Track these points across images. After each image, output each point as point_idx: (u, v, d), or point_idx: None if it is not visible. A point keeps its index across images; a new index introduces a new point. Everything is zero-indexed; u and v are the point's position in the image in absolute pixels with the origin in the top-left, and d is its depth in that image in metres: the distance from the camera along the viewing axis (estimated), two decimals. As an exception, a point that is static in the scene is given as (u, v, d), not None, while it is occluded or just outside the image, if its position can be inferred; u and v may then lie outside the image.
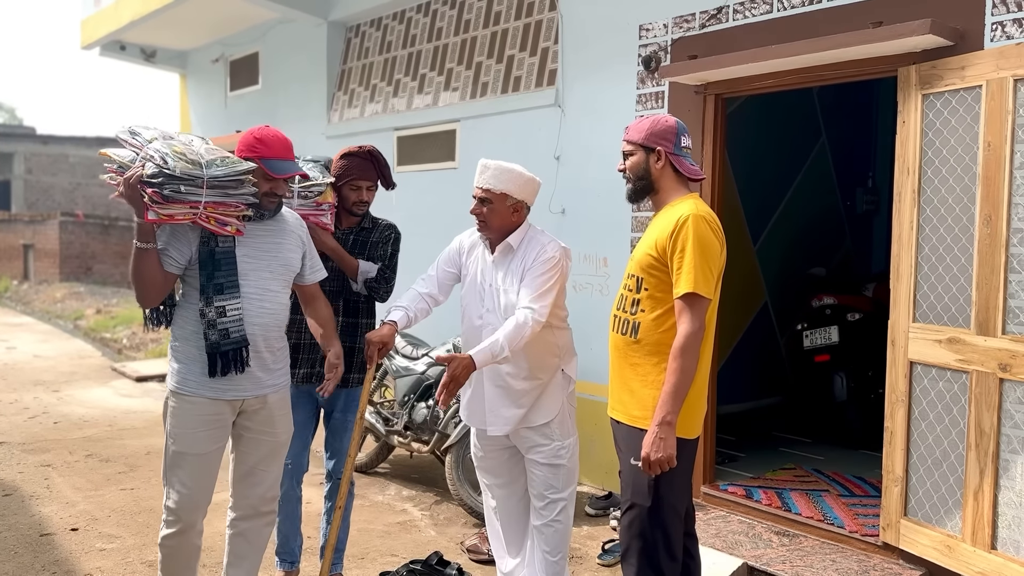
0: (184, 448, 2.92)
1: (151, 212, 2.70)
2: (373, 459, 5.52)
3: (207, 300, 2.84)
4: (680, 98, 4.71)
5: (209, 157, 2.80)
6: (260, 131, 3.01)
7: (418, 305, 3.35)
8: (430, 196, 6.39)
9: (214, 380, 2.88)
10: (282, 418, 3.10)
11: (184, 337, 2.93)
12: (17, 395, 7.93)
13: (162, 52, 9.78)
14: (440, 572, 3.88)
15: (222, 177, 2.78)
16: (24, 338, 12.16)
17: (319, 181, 3.46)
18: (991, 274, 3.39)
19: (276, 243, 3.02)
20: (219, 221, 2.82)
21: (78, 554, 4.11)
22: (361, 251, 3.64)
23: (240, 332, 2.88)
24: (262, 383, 2.99)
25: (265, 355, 2.98)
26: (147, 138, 2.82)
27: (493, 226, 3.25)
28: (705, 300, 2.65)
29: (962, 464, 3.52)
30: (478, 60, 6.20)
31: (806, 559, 3.88)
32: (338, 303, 3.59)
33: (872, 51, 3.80)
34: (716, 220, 2.76)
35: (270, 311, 2.98)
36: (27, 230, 20.30)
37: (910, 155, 3.72)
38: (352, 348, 3.59)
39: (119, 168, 2.83)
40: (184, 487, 2.92)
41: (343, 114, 7.47)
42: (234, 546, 3.17)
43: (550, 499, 3.29)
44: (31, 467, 5.55)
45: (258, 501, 3.12)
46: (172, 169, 2.68)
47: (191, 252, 2.86)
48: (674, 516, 2.78)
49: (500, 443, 3.37)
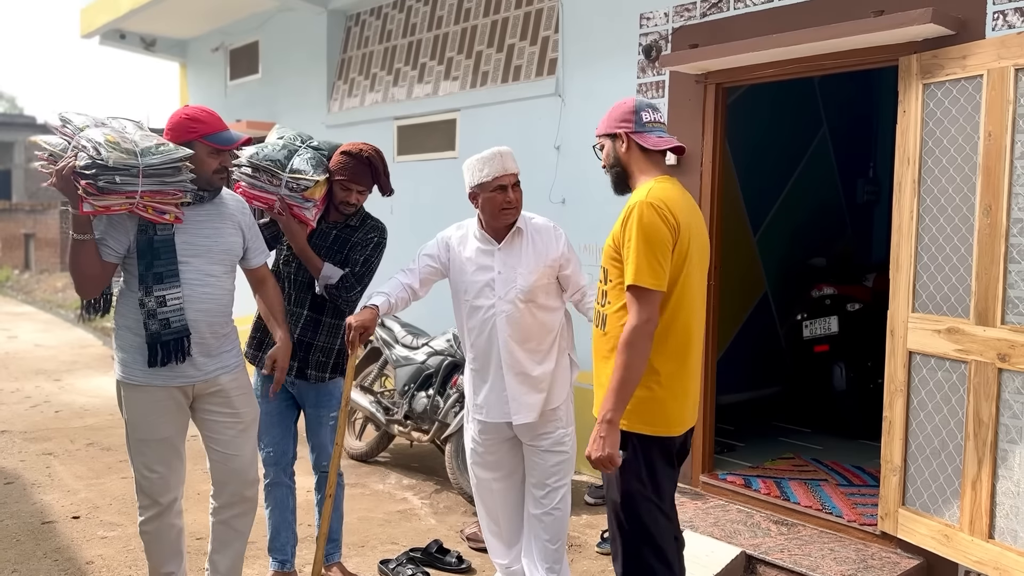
0: (145, 435, 2.92)
1: (86, 204, 2.63)
2: (373, 448, 5.53)
3: (147, 289, 2.80)
4: (681, 87, 4.70)
5: (144, 145, 2.72)
6: (187, 111, 2.94)
7: (400, 294, 3.30)
8: (430, 186, 6.38)
9: (158, 369, 2.85)
10: (241, 398, 3.07)
11: (127, 326, 2.89)
12: (19, 384, 7.95)
13: (162, 41, 9.75)
14: (440, 560, 3.90)
15: (158, 165, 2.71)
16: (25, 327, 12.18)
17: (310, 177, 3.37)
18: (991, 264, 3.39)
19: (216, 228, 2.97)
20: (157, 210, 2.76)
21: (80, 542, 4.13)
22: (340, 249, 3.53)
23: (181, 321, 2.84)
24: (206, 368, 2.96)
25: (210, 341, 2.95)
26: (79, 125, 2.75)
27: (520, 208, 3.29)
28: (652, 292, 2.46)
29: (960, 454, 3.53)
30: (478, 49, 6.19)
31: (804, 548, 3.89)
32: (307, 296, 3.51)
33: (873, 40, 3.79)
34: (670, 204, 2.53)
35: (213, 297, 2.94)
36: (28, 219, 20.29)
37: (911, 145, 3.71)
38: (310, 344, 3.50)
39: (50, 156, 2.75)
40: (151, 471, 2.93)
41: (343, 103, 7.45)
42: (218, 533, 3.17)
43: (551, 487, 3.30)
44: (33, 455, 5.58)
45: (239, 485, 3.10)
46: (105, 160, 2.61)
47: (129, 241, 2.82)
48: (653, 511, 2.60)
49: (503, 435, 3.37)
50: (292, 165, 3.38)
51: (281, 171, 3.34)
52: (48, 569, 3.80)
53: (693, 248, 2.59)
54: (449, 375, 5.00)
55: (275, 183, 3.35)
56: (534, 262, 3.23)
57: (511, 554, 3.53)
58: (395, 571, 3.77)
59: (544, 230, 3.32)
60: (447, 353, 5.02)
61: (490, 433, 3.38)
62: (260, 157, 3.38)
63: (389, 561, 3.87)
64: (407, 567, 3.78)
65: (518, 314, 3.22)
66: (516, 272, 3.23)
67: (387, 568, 3.82)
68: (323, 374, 3.55)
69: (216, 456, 3.08)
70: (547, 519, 3.32)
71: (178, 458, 2.99)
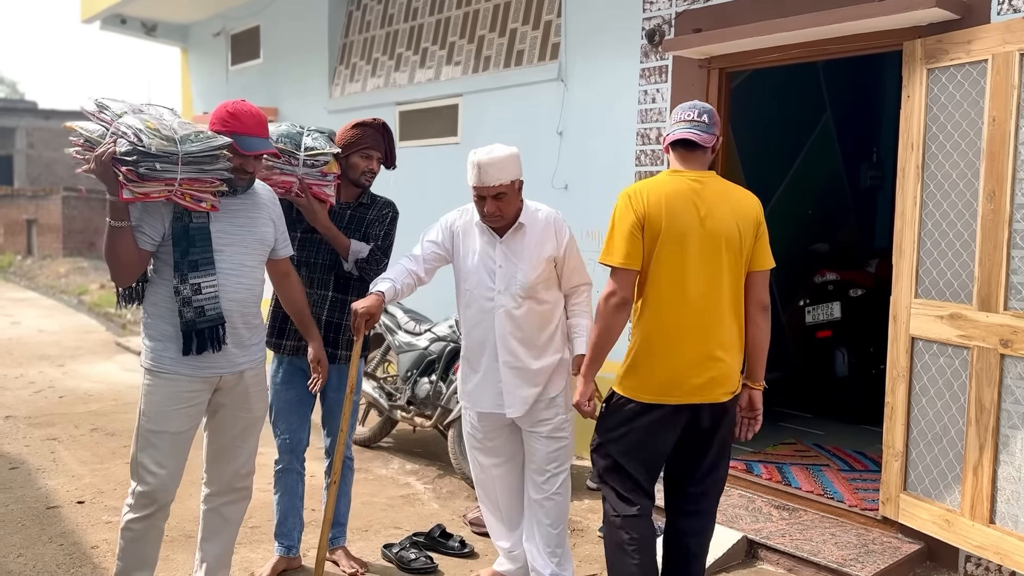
0: (159, 427, 2.86)
1: (126, 191, 2.61)
2: (376, 434, 5.56)
3: (182, 277, 2.78)
4: (684, 72, 4.68)
5: (183, 132, 2.72)
6: (234, 105, 2.93)
7: (405, 280, 3.28)
8: (432, 172, 6.37)
9: (189, 357, 2.83)
10: (257, 394, 3.07)
11: (158, 315, 2.87)
12: (23, 370, 7.98)
13: (163, 26, 9.71)
14: (443, 544, 3.93)
15: (197, 153, 2.70)
16: (29, 313, 12.21)
17: (326, 150, 3.41)
18: (994, 250, 3.39)
19: (250, 218, 2.97)
20: (194, 197, 2.75)
21: (84, 526, 4.15)
22: (358, 227, 3.58)
23: (216, 309, 2.83)
24: (237, 360, 2.95)
25: (242, 331, 2.95)
26: (117, 112, 2.73)
27: (509, 216, 3.20)
28: (616, 269, 2.77)
29: (962, 439, 3.53)
30: (480, 34, 6.16)
31: (805, 533, 3.91)
32: (329, 277, 3.55)
33: (878, 25, 3.77)
34: (647, 192, 2.78)
35: (247, 286, 2.94)
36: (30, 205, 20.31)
37: (914, 130, 3.70)
38: (339, 324, 3.55)
39: (87, 143, 2.73)
40: (160, 467, 2.87)
41: (345, 88, 7.43)
42: (209, 521, 3.15)
43: (552, 473, 3.32)
44: (37, 441, 5.60)
45: (232, 477, 3.09)
46: (147, 146, 2.60)
47: (164, 228, 2.80)
48: (613, 463, 2.89)
49: (500, 422, 3.37)
50: (305, 144, 3.39)
51: (297, 150, 3.35)
52: (53, 553, 3.83)
53: (669, 230, 2.74)
54: (451, 361, 5.00)
55: (293, 163, 3.35)
56: (536, 257, 3.21)
57: (513, 537, 3.55)
58: (398, 555, 3.80)
59: (545, 224, 3.25)
60: (449, 339, 5.02)
61: (488, 420, 3.38)
62: (274, 139, 3.35)
63: (392, 545, 3.89)
64: (410, 551, 3.81)
65: (518, 309, 3.21)
66: (517, 267, 3.20)
67: (391, 552, 3.84)
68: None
69: (218, 447, 3.06)
70: (548, 504, 3.33)
71: (183, 458, 2.95)
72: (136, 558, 2.95)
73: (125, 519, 2.93)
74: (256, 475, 3.24)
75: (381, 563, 3.82)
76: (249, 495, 3.20)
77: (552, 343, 3.28)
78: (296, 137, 3.40)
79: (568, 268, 3.29)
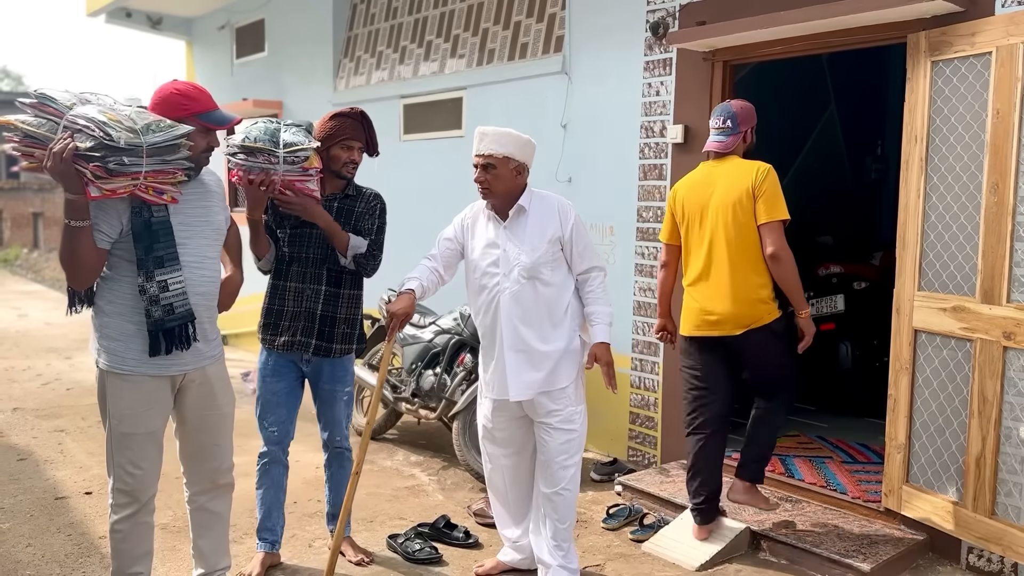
0: (131, 429, 2.77)
1: (93, 188, 2.47)
2: (381, 425, 5.58)
3: (147, 275, 2.65)
4: (688, 65, 4.68)
5: (143, 122, 2.57)
6: (177, 86, 2.77)
7: (430, 277, 3.35)
8: (436, 165, 6.38)
9: (156, 357, 2.73)
10: (223, 389, 2.99)
11: (117, 313, 2.74)
12: (30, 362, 8.03)
13: (168, 19, 9.72)
14: (447, 535, 3.95)
15: (160, 143, 2.57)
16: (35, 306, 12.26)
17: (306, 145, 3.29)
18: (997, 242, 3.39)
19: (205, 206, 2.86)
20: (156, 190, 2.62)
21: (92, 517, 4.19)
22: (347, 220, 3.53)
23: (185, 306, 2.73)
24: (203, 355, 2.87)
25: (206, 325, 2.87)
26: (65, 103, 2.54)
27: (498, 192, 3.26)
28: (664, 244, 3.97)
29: (964, 431, 3.54)
30: (484, 26, 6.16)
31: (808, 524, 3.92)
32: (321, 271, 3.51)
33: (882, 17, 3.77)
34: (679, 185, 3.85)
35: (210, 278, 2.84)
36: (36, 198, 20.35)
37: (918, 123, 3.70)
38: (332, 318, 3.52)
39: (27, 139, 2.53)
40: (136, 467, 2.79)
41: (349, 81, 7.44)
42: (198, 519, 3.10)
43: (561, 465, 3.32)
44: (45, 432, 5.64)
45: (213, 474, 3.03)
46: (116, 140, 2.45)
47: (122, 224, 2.66)
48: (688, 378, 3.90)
49: (513, 413, 3.40)
50: (284, 140, 3.26)
51: (276, 148, 3.22)
52: (62, 543, 3.87)
53: (690, 213, 3.75)
54: (456, 353, 5.03)
55: (273, 161, 3.22)
56: (537, 238, 3.25)
57: (519, 529, 3.57)
58: (403, 546, 3.82)
59: (548, 206, 3.31)
60: (454, 331, 5.04)
61: (501, 411, 3.41)
62: (252, 139, 3.23)
63: (397, 536, 3.92)
64: (415, 542, 3.83)
65: (521, 291, 3.24)
66: (520, 249, 3.24)
67: (395, 543, 3.87)
68: (349, 346, 3.59)
69: (192, 446, 2.98)
70: (556, 498, 3.34)
71: (159, 454, 2.86)
72: (129, 556, 2.89)
73: (111, 521, 2.86)
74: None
75: (386, 553, 3.85)
76: (232, 486, 3.13)
77: (560, 328, 3.29)
78: (274, 133, 3.26)
79: (576, 251, 3.32)
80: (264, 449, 3.60)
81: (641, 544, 3.95)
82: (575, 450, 3.35)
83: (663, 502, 4.32)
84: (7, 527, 4.03)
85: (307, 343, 3.51)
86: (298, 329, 3.50)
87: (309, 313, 3.50)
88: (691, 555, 3.78)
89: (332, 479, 3.74)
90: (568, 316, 3.32)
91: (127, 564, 2.91)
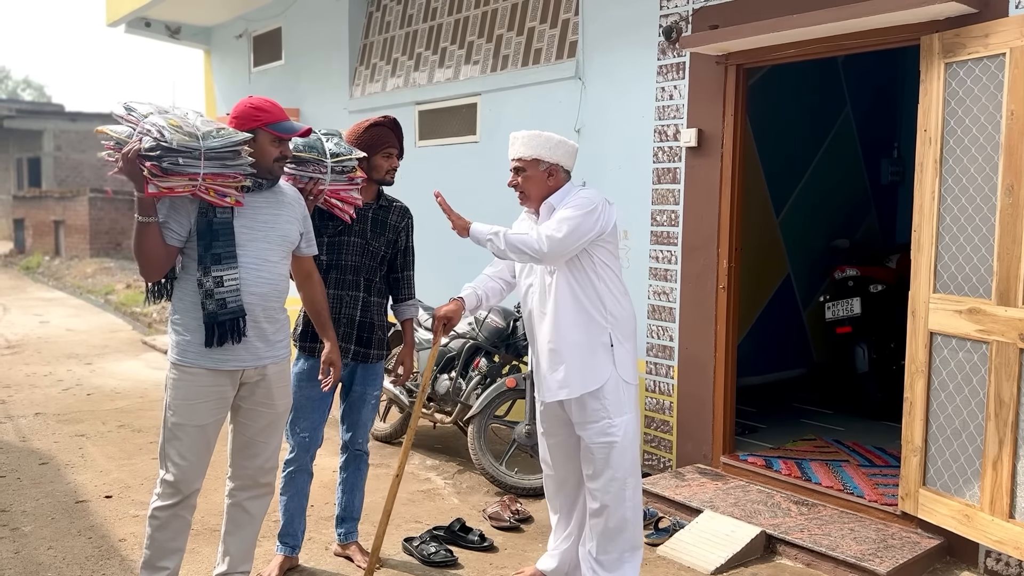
0: (183, 420, 2.93)
1: (151, 185, 2.71)
2: (397, 429, 5.61)
3: (204, 270, 2.86)
4: (701, 69, 4.69)
5: (205, 129, 2.80)
6: (252, 101, 2.98)
7: (488, 284, 3.38)
8: (451, 171, 6.41)
9: (213, 351, 2.90)
10: (280, 390, 3.11)
11: (183, 309, 2.94)
12: (51, 368, 8.12)
13: (186, 28, 9.84)
14: (462, 538, 3.97)
15: (219, 148, 2.77)
16: (57, 312, 12.40)
17: (351, 156, 3.43)
18: (1012, 244, 3.38)
19: (274, 214, 3.02)
20: (218, 192, 2.82)
21: (112, 520, 4.24)
22: (381, 230, 3.63)
23: (237, 302, 2.89)
24: (260, 354, 3.00)
25: (264, 325, 2.99)
26: (143, 113, 2.82)
27: (532, 195, 3.29)
28: None
29: (981, 434, 3.52)
30: (499, 33, 6.19)
31: (824, 528, 3.91)
32: (359, 279, 3.60)
33: (895, 19, 3.76)
34: None
35: (268, 280, 2.98)
36: (57, 206, 20.57)
37: (932, 125, 3.69)
38: (371, 324, 3.62)
39: (116, 144, 2.84)
40: (183, 459, 2.94)
41: (365, 88, 7.50)
42: (232, 515, 3.20)
43: (602, 480, 3.18)
44: (66, 437, 5.71)
45: (256, 472, 3.14)
46: (169, 142, 2.68)
47: (190, 224, 2.87)
48: None
49: (559, 418, 3.32)
50: (329, 149, 3.39)
51: (324, 157, 3.35)
52: (82, 546, 3.92)
53: None
54: (471, 358, 5.05)
55: (322, 171, 3.36)
56: None
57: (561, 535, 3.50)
58: (419, 548, 3.85)
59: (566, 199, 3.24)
60: (469, 336, 5.07)
61: (547, 412, 3.38)
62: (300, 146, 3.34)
63: (413, 539, 3.95)
64: (430, 544, 3.85)
65: (544, 285, 3.24)
66: None
67: (411, 545, 3.89)
68: (382, 351, 3.70)
69: (242, 442, 3.11)
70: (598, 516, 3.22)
71: (208, 451, 3.01)
72: (162, 546, 3.01)
73: (152, 507, 3.01)
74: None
75: (402, 556, 3.87)
76: (272, 491, 3.24)
77: (580, 324, 3.17)
78: (317, 144, 3.38)
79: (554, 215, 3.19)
80: (291, 456, 3.63)
81: (656, 548, 3.96)
82: (616, 464, 3.17)
83: (678, 506, 4.32)
84: (29, 530, 4.09)
85: (347, 348, 3.58)
86: (338, 335, 3.51)
87: (349, 319, 3.56)
88: (706, 559, 3.78)
89: (346, 481, 3.77)
90: (595, 314, 3.18)
91: (158, 555, 3.02)
